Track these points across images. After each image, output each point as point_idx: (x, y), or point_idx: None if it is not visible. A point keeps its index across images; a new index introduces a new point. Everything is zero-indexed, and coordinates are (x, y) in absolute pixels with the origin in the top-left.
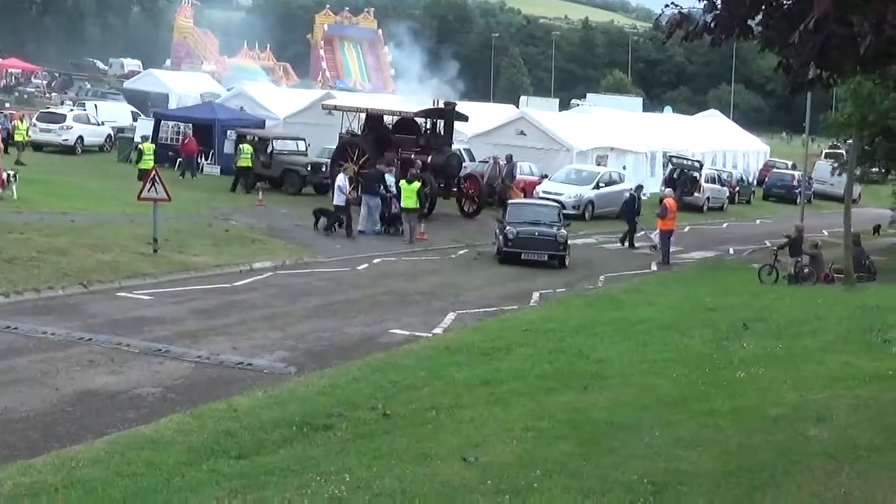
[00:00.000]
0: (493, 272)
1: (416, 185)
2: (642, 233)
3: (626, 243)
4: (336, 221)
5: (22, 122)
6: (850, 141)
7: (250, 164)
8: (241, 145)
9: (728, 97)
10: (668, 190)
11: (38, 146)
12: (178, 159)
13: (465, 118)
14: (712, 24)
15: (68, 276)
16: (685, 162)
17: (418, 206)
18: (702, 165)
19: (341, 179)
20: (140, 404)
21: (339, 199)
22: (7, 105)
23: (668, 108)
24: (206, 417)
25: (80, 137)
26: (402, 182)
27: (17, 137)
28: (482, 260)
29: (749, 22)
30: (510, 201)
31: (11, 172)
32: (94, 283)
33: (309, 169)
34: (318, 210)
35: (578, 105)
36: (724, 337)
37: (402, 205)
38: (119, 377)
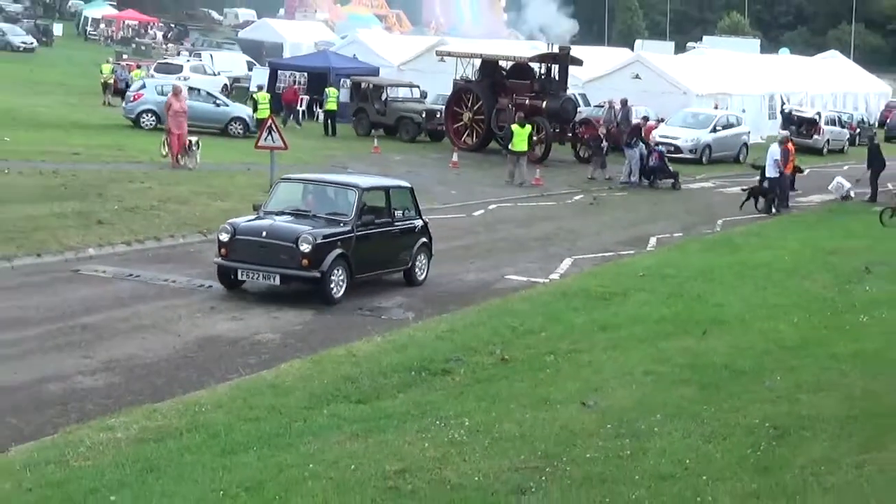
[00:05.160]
0: (610, 217)
1: (528, 128)
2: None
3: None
4: (775, 198)
5: (140, 70)
6: None
7: (335, 108)
8: (326, 89)
9: (848, 37)
10: (785, 133)
11: None
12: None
13: (579, 62)
14: None
15: (188, 225)
16: (803, 116)
17: (527, 149)
18: (819, 118)
19: (776, 150)
20: (261, 350)
21: (773, 171)
22: (125, 56)
23: (785, 50)
24: (326, 363)
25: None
26: (515, 126)
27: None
28: (598, 205)
29: None
30: (284, 176)
31: (194, 139)
32: (214, 232)
33: (424, 116)
34: (750, 188)
35: (695, 48)
36: (845, 281)
37: (514, 148)
38: (240, 324)
